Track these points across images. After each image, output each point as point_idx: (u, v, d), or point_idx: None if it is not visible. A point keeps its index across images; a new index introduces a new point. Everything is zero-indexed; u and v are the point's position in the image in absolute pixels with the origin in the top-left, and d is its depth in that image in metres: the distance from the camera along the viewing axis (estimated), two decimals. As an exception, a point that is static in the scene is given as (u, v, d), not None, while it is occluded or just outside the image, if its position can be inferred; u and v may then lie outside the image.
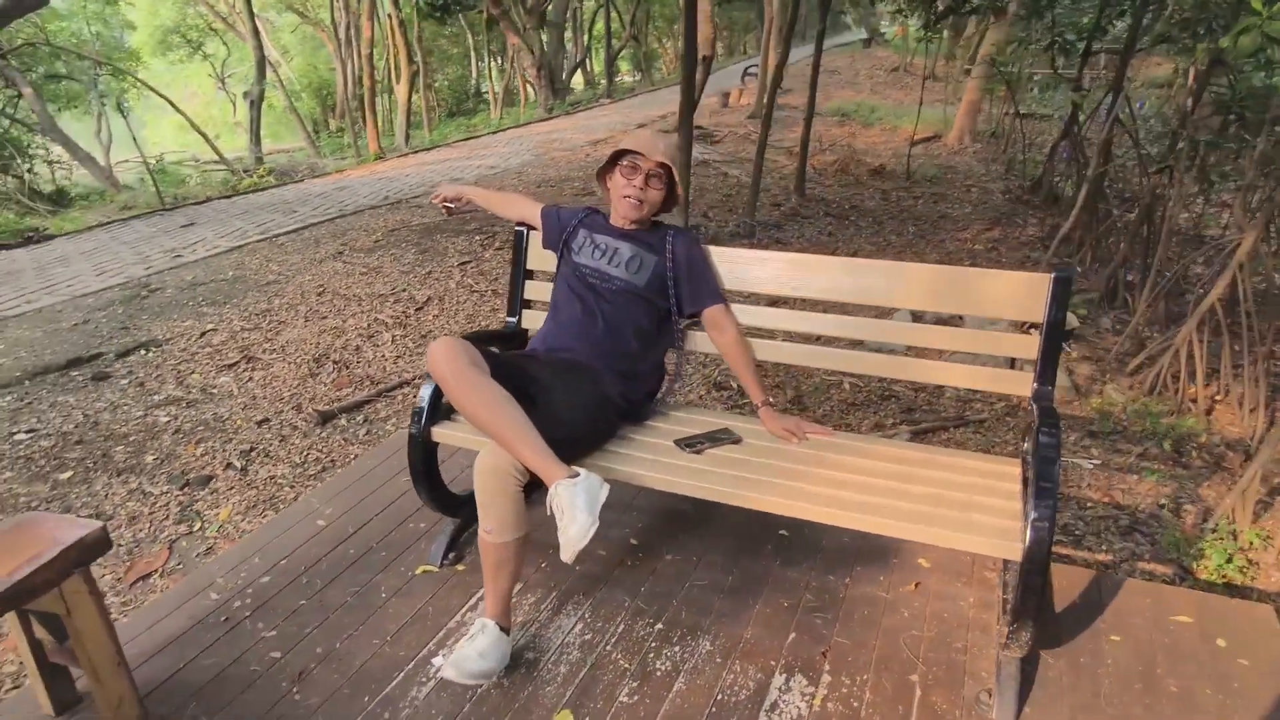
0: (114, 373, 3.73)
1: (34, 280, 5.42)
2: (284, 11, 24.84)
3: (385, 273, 5.09)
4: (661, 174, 2.10)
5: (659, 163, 2.08)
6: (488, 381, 1.77)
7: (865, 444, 2.06)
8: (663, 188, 2.12)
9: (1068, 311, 4.96)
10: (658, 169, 2.09)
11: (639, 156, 2.08)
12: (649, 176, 2.09)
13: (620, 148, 2.11)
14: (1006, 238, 7.29)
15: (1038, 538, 1.56)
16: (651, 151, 2.07)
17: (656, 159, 2.07)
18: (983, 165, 10.47)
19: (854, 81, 19.45)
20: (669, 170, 2.11)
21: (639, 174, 2.09)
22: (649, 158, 2.07)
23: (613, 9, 26.39)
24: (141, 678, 1.89)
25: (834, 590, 2.13)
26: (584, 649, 1.94)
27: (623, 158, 2.12)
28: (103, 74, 19.90)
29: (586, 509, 1.65)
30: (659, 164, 2.08)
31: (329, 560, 2.30)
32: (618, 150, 2.11)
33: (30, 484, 2.86)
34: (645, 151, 2.07)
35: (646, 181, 2.09)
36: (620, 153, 2.12)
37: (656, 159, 2.07)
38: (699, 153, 9.76)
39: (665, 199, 2.18)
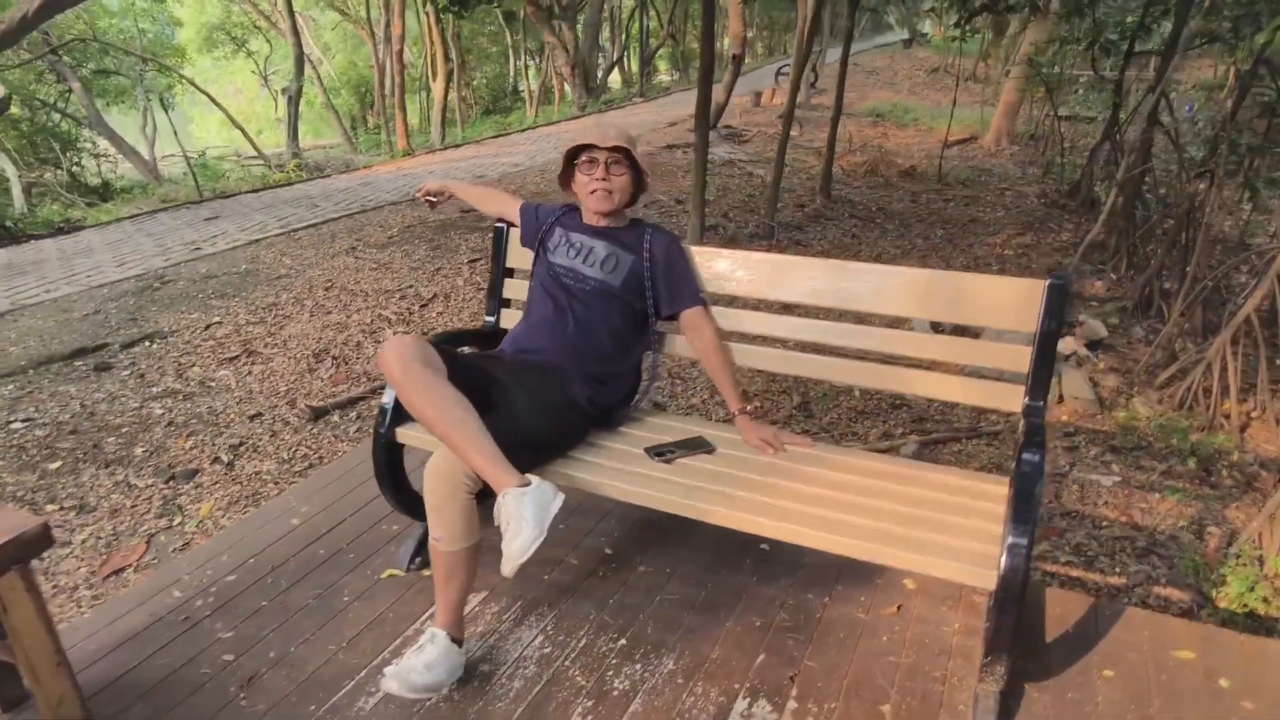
0: (116, 364, 3.76)
1: (57, 270, 5.51)
2: (326, 9, 25.19)
3: (395, 269, 5.08)
4: (620, 158, 2.02)
5: (614, 147, 1.99)
6: (440, 382, 1.70)
7: (845, 457, 1.95)
8: (625, 171, 2.04)
9: (1094, 320, 4.71)
10: (614, 154, 2.01)
11: (592, 149, 2.01)
12: (608, 165, 2.01)
13: (570, 146, 2.03)
14: (1039, 243, 7.06)
15: (1013, 565, 1.45)
16: (602, 139, 2.00)
17: (609, 144, 1.99)
18: (1019, 168, 10.19)
19: (892, 82, 19.13)
20: (628, 153, 2.02)
21: (598, 166, 2.01)
22: (601, 146, 1.99)
23: (651, 8, 26.32)
24: (94, 675, 1.87)
25: (810, 609, 2.02)
26: (541, 664, 1.87)
27: (578, 155, 2.04)
28: (149, 70, 20.36)
29: (533, 521, 1.57)
30: (613, 149, 2.00)
31: (297, 560, 2.26)
32: (571, 149, 2.04)
33: (19, 473, 2.87)
34: (596, 141, 2.00)
35: (608, 170, 2.01)
36: (574, 151, 2.04)
37: (609, 144, 1.99)
38: (725, 152, 9.63)
39: (636, 185, 2.09)
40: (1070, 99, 11.37)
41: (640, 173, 2.10)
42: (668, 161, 8.84)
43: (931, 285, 1.89)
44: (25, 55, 16.46)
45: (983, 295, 1.85)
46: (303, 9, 25.21)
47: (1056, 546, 3.03)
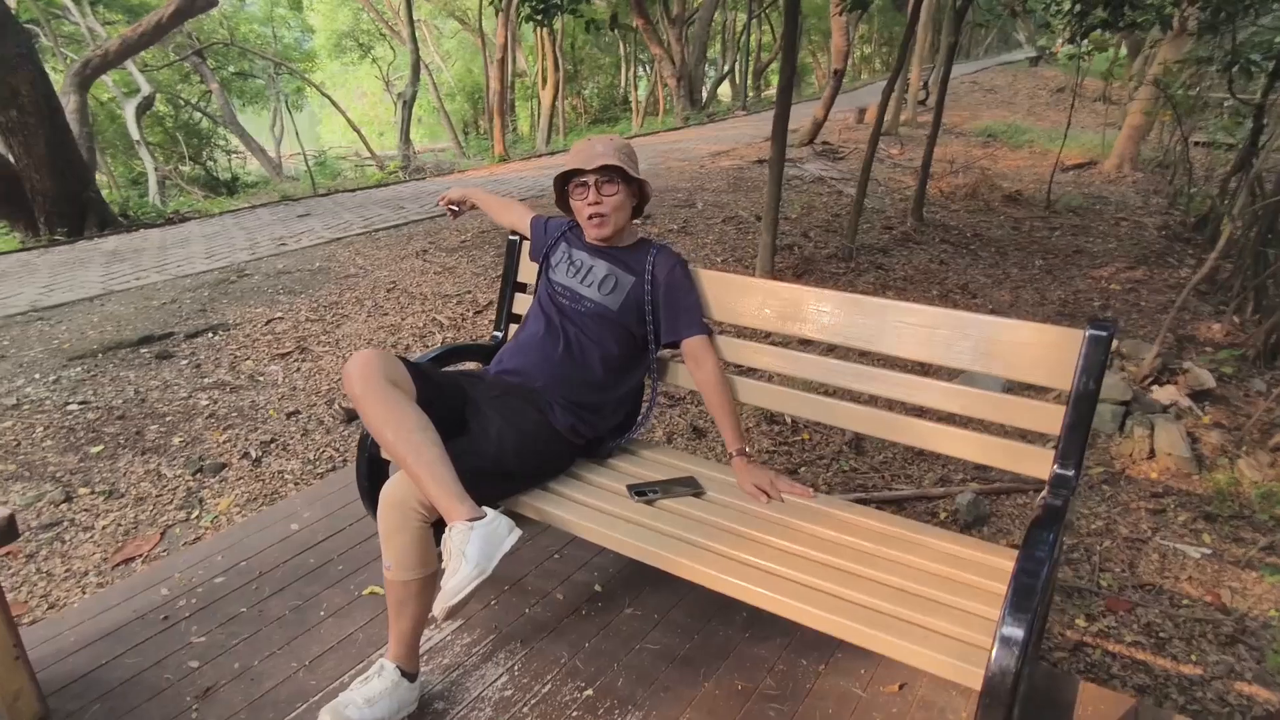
0: (178, 353, 3.89)
1: (152, 259, 5.83)
2: (448, 18, 26.18)
3: (459, 273, 5.11)
4: (612, 177, 1.89)
5: (601, 168, 1.87)
6: (402, 403, 1.61)
7: (845, 513, 1.75)
8: (619, 189, 1.90)
9: (1201, 368, 4.23)
10: (603, 175, 1.88)
11: (581, 173, 1.89)
12: (599, 185, 1.89)
13: (559, 173, 1.92)
14: (1152, 279, 6.48)
15: (1001, 665, 1.23)
16: (588, 162, 1.87)
17: (596, 165, 1.87)
18: (1141, 197, 9.44)
19: (1011, 101, 18.22)
20: (619, 170, 1.89)
21: (589, 189, 1.89)
22: (589, 168, 1.87)
23: (766, 22, 26.07)
24: (65, 669, 1.87)
25: (801, 679, 1.83)
26: (498, 707, 1.75)
27: (569, 181, 1.92)
28: (281, 74, 21.68)
29: (477, 558, 1.46)
30: (601, 169, 1.87)
31: (286, 568, 2.23)
32: (559, 175, 1.93)
33: (63, 454, 2.99)
34: (583, 165, 1.87)
35: (599, 191, 1.89)
36: (565, 177, 1.93)
37: (596, 165, 1.87)
38: (818, 169, 9.34)
39: (636, 197, 1.96)
40: (1210, 123, 10.48)
41: (640, 190, 1.97)
42: (757, 176, 8.63)
43: (952, 328, 1.68)
44: (172, 56, 17.82)
45: (1009, 342, 1.62)
46: (427, 17, 26.33)
47: (1123, 623, 2.70)
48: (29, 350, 3.94)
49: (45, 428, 3.16)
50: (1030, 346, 1.60)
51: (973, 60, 32.78)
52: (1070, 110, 9.26)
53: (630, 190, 1.94)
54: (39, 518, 2.66)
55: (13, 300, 4.82)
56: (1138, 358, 4.50)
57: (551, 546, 2.32)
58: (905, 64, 7.10)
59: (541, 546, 2.32)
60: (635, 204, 2.00)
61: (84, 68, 9.28)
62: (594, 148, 1.89)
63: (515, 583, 2.16)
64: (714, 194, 7.83)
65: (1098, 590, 2.84)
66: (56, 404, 3.34)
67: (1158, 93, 9.09)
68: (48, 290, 5.03)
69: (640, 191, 1.97)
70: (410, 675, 1.69)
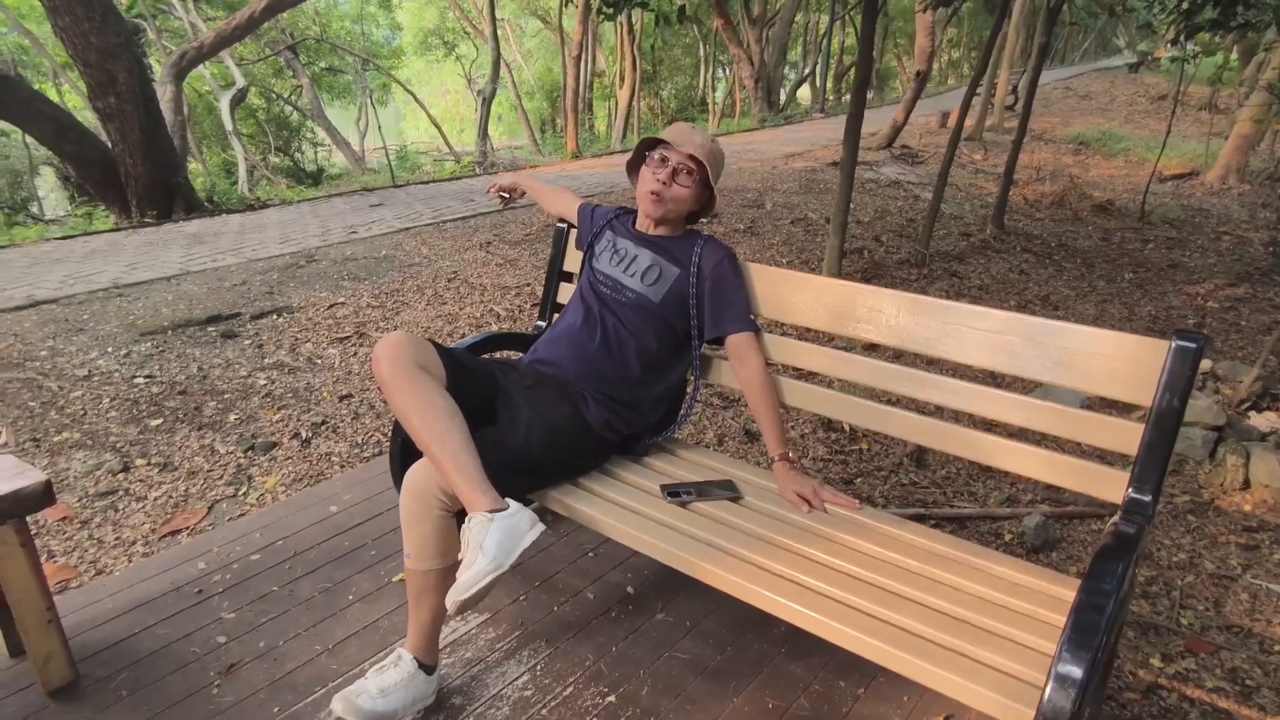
0: (242, 333, 3.98)
1: (229, 243, 6.02)
2: (530, 17, 26.52)
3: (520, 266, 5.10)
4: (693, 169, 1.80)
5: (690, 155, 1.78)
6: (430, 389, 1.56)
7: (893, 528, 1.63)
8: (691, 185, 1.82)
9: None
10: (688, 163, 1.79)
11: (668, 148, 1.80)
12: (676, 171, 1.80)
13: (646, 138, 1.83)
14: (1255, 297, 6.04)
15: (1055, 706, 1.10)
16: (683, 143, 1.79)
17: (688, 151, 1.78)
18: (1246, 211, 8.84)
19: (1107, 108, 17.38)
20: (702, 169, 1.80)
21: (666, 167, 1.80)
22: (679, 149, 1.78)
23: (850, 25, 25.56)
24: (100, 635, 1.90)
25: (838, 702, 1.71)
26: (517, 707, 1.69)
27: (653, 149, 1.84)
28: (369, 69, 22.32)
29: (494, 551, 1.39)
30: (690, 157, 1.78)
31: (321, 549, 2.22)
32: (646, 139, 1.83)
33: (125, 425, 3.07)
34: (675, 142, 1.79)
35: (673, 176, 1.80)
36: (650, 143, 1.84)
37: (688, 151, 1.78)
38: (895, 173, 9.05)
39: (699, 203, 1.87)
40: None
41: (710, 194, 1.87)
42: (830, 179, 8.41)
43: (1022, 334, 1.53)
44: (267, 51, 18.54)
45: (1087, 353, 1.47)
46: (510, 16, 26.73)
47: (1204, 666, 2.47)
48: (106, 325, 4.09)
49: (111, 399, 3.26)
50: (1109, 358, 1.45)
51: (1068, 65, 31.47)
52: (1171, 117, 8.72)
53: (699, 194, 1.85)
54: (96, 485, 2.73)
55: (97, 277, 5.03)
56: (1235, 380, 4.17)
57: (586, 544, 2.25)
58: (991, 66, 6.79)
59: (576, 544, 2.25)
60: (696, 210, 1.92)
61: (180, 59, 9.70)
62: (694, 136, 1.82)
63: (546, 579, 2.10)
64: (784, 195, 7.66)
65: (1177, 629, 2.61)
66: (124, 377, 3.44)
67: (1271, 99, 8.50)
68: (130, 268, 5.24)
69: (708, 200, 1.88)
70: (428, 667, 1.64)
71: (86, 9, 6.63)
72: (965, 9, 24.31)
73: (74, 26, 6.64)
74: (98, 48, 6.75)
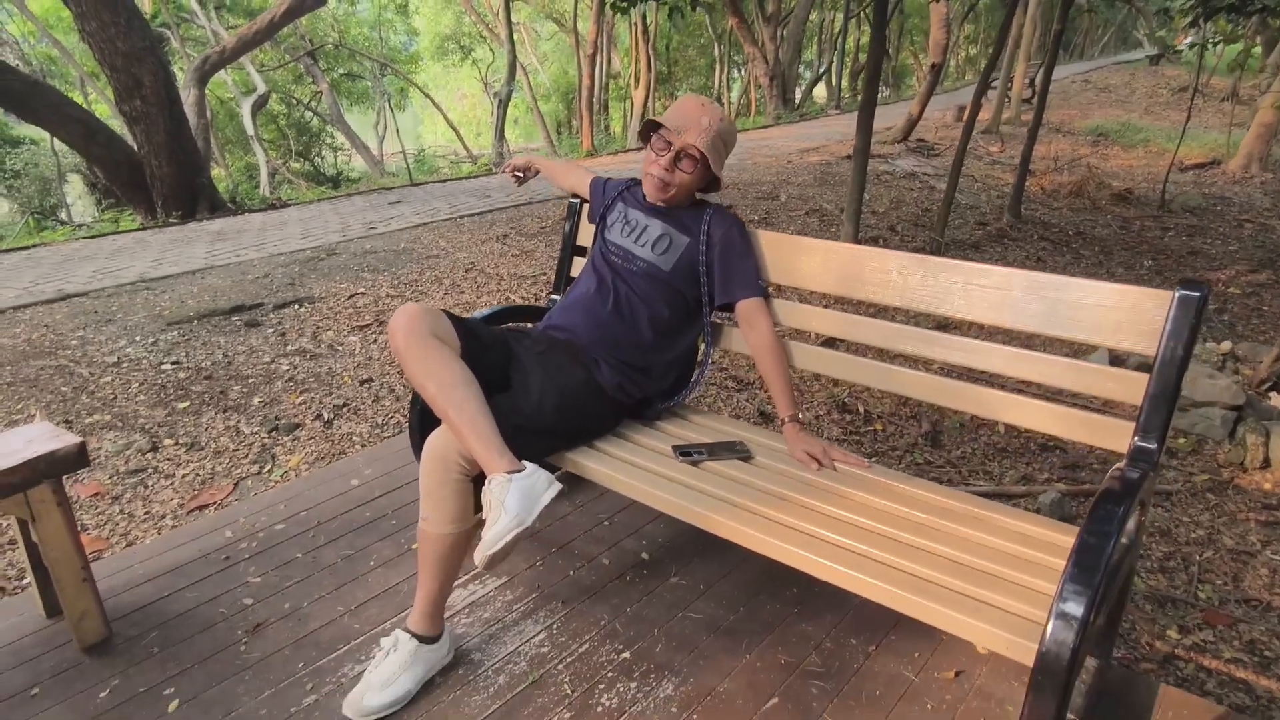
0: (265, 322, 4.07)
1: (252, 239, 6.13)
2: (546, 20, 26.67)
3: (536, 257, 5.16)
4: (696, 156, 1.81)
5: (690, 144, 1.79)
6: (445, 357, 1.60)
7: (903, 485, 1.65)
8: (694, 170, 1.82)
9: None
10: (691, 150, 1.80)
11: (670, 132, 1.81)
12: (678, 157, 1.82)
13: (652, 119, 1.84)
14: (1277, 283, 5.97)
15: (1058, 638, 1.12)
16: (687, 128, 1.78)
17: (689, 141, 1.78)
18: (1269, 199, 8.74)
19: (1126, 100, 17.21)
20: (704, 156, 1.81)
21: (668, 153, 1.82)
22: (681, 137, 1.79)
23: (866, 23, 25.47)
24: (131, 598, 1.96)
25: (849, 657, 1.73)
26: (533, 662, 1.73)
27: (658, 129, 1.85)
28: (386, 74, 22.57)
29: (516, 508, 1.44)
30: (690, 146, 1.79)
31: (342, 520, 2.27)
32: (652, 120, 1.85)
33: (153, 408, 3.15)
34: (680, 128, 1.79)
35: (675, 162, 1.82)
36: (657, 124, 1.85)
37: (689, 141, 1.78)
38: (911, 165, 9.03)
39: (704, 183, 1.89)
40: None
41: (713, 175, 1.88)
42: (844, 171, 8.42)
43: (1026, 289, 1.56)
44: (286, 58, 18.80)
45: (1091, 305, 1.49)
46: (526, 20, 26.91)
47: (1222, 638, 2.46)
48: (134, 315, 4.19)
49: (140, 384, 3.35)
50: (1114, 310, 1.47)
51: (1087, 60, 31.16)
52: (1190, 104, 8.63)
53: (703, 175, 1.85)
54: (126, 464, 2.80)
55: (124, 272, 5.15)
56: (1255, 361, 4.14)
57: (602, 514, 2.29)
58: (1003, 55, 6.76)
59: (592, 513, 2.29)
60: (702, 188, 1.93)
61: (203, 63, 9.88)
62: (699, 119, 1.79)
63: (562, 546, 2.14)
64: (799, 188, 7.67)
65: (1194, 602, 2.61)
66: (152, 363, 3.53)
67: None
68: (156, 264, 5.36)
69: (711, 180, 1.89)
70: (430, 638, 1.64)
71: (113, 14, 6.78)
72: (982, 4, 24.17)
73: (101, 31, 6.80)
74: (124, 52, 6.90)
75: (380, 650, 1.65)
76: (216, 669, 1.72)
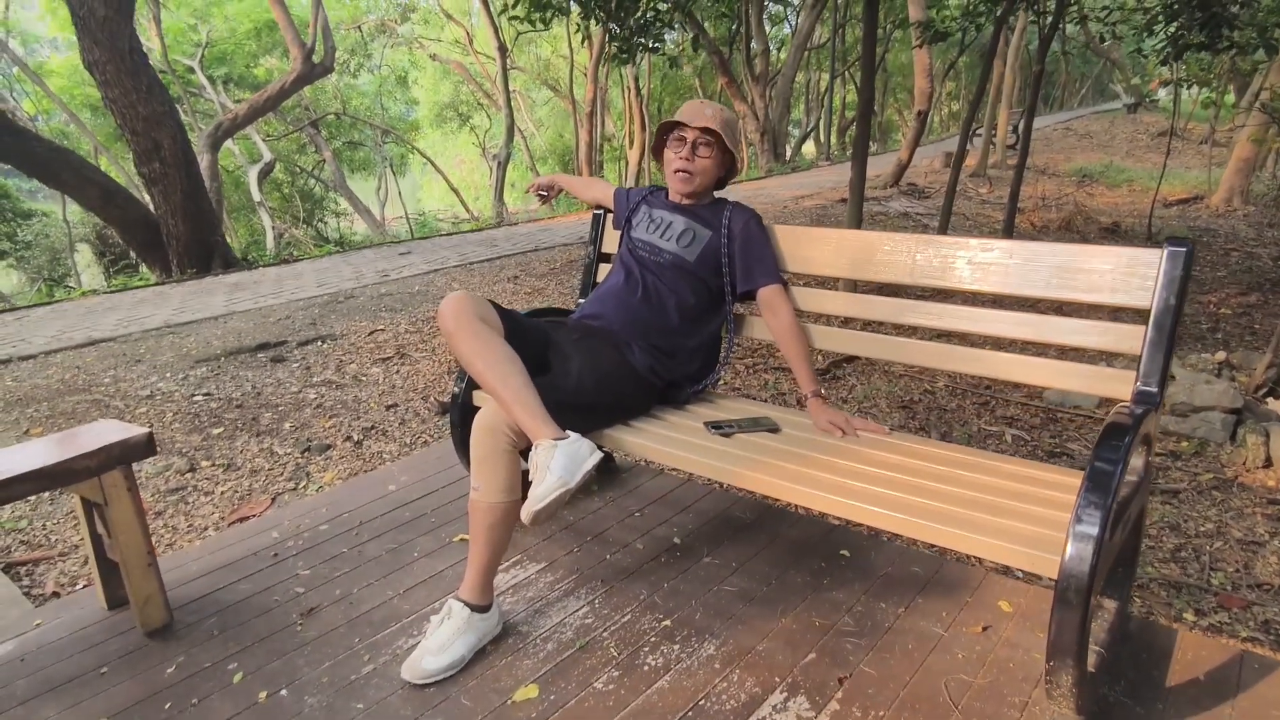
0: (290, 357, 4.20)
1: (270, 289, 6.31)
2: (541, 88, 27.56)
3: (548, 294, 5.33)
4: (710, 141, 2.00)
5: (704, 129, 1.98)
6: (492, 337, 1.73)
7: (919, 445, 1.77)
8: (712, 154, 2.01)
9: None
10: (704, 136, 1.99)
11: (683, 127, 2.00)
12: (695, 145, 2.00)
13: (663, 122, 2.04)
14: (1267, 303, 6.15)
15: (1078, 551, 1.23)
16: (695, 119, 1.98)
17: (700, 125, 1.97)
18: (1253, 230, 8.99)
19: (1108, 145, 17.73)
20: (719, 137, 2.00)
21: (685, 145, 2.00)
22: (692, 125, 1.98)
23: (851, 82, 26.40)
24: (187, 591, 2.04)
25: (880, 618, 1.82)
26: (579, 632, 1.81)
27: (670, 131, 2.04)
28: (387, 142, 23.22)
29: (561, 470, 1.54)
30: (704, 130, 1.98)
31: (383, 519, 2.36)
32: (664, 123, 2.04)
33: (189, 434, 3.26)
34: (688, 120, 1.99)
35: (694, 151, 2.00)
36: (668, 126, 2.04)
37: (700, 125, 1.97)
38: (903, 206, 9.31)
39: (725, 169, 2.07)
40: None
41: (732, 159, 2.07)
42: (839, 213, 8.69)
43: (1027, 257, 1.70)
44: (291, 128, 19.38)
45: (1088, 269, 1.63)
46: (521, 88, 27.81)
47: (1238, 619, 2.53)
48: (162, 356, 4.32)
49: (174, 414, 3.46)
50: (1108, 271, 1.61)
51: (1066, 110, 32.09)
52: (1169, 144, 8.95)
53: (721, 160, 2.04)
54: (167, 484, 2.90)
55: (149, 319, 5.30)
56: (1249, 368, 4.27)
57: (633, 506, 2.38)
58: (985, 96, 7.07)
59: (623, 507, 2.39)
60: (722, 175, 2.11)
61: (216, 130, 10.24)
62: (703, 110, 2.00)
63: (596, 535, 2.23)
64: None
65: (1208, 587, 2.68)
66: (184, 395, 3.65)
67: (1268, 121, 8.73)
68: (179, 312, 5.52)
69: (731, 164, 2.08)
70: (482, 608, 1.71)
71: (134, 80, 7.10)
72: (962, 62, 25.09)
73: (123, 98, 7.11)
74: (144, 116, 7.20)
75: (434, 620, 1.73)
76: (276, 645, 1.80)
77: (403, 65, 26.46)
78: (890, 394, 3.89)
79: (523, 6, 5.53)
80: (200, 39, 18.20)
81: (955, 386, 4.01)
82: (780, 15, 25.75)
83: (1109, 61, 28.99)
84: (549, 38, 23.54)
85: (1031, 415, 3.76)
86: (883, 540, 2.16)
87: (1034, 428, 3.66)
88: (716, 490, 2.48)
